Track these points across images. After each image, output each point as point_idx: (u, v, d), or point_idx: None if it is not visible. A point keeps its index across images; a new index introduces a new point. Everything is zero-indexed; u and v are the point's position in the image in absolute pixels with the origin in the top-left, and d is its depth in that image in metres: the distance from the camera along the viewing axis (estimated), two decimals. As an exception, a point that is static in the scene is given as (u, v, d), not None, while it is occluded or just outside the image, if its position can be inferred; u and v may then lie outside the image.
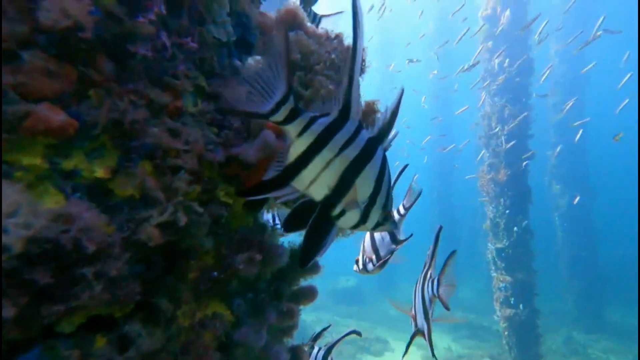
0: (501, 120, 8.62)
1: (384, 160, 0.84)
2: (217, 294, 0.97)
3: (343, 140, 0.79)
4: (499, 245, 8.27)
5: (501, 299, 7.80)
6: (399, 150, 16.54)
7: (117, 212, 0.75)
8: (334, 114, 0.80)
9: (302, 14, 1.09)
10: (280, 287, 1.13)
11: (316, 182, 0.80)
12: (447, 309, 1.60)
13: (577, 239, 11.79)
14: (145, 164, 0.79)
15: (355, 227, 0.86)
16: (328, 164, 0.79)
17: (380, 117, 0.84)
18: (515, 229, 8.18)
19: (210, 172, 0.93)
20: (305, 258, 0.81)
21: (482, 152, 9.00)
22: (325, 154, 0.78)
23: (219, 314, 0.95)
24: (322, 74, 1.03)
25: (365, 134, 0.82)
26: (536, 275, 7.79)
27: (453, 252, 1.65)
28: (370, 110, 1.09)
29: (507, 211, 8.35)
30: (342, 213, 0.82)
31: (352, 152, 0.79)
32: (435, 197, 16.68)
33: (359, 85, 0.78)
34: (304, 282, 1.20)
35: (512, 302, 7.66)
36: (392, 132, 0.85)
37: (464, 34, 8.67)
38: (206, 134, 0.93)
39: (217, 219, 0.95)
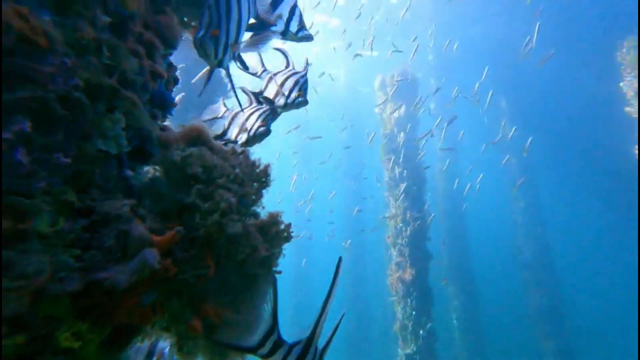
0: (404, 221, 9.58)
1: None
2: None
3: None
4: (407, 351, 8.29)
5: None
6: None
7: None
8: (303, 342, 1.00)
9: (207, 131, 1.11)
10: None
11: None
12: None
13: (471, 343, 12.30)
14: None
15: None
16: None
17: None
18: (421, 332, 8.39)
19: (53, 309, 0.73)
20: None
21: (390, 250, 9.64)
22: None
23: None
24: (224, 186, 1.00)
25: None
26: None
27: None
28: (272, 221, 1.07)
29: (414, 312, 8.65)
30: None
31: None
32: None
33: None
34: None
35: None
36: None
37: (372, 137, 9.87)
38: (59, 259, 0.76)
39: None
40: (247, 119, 1.50)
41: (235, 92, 1.27)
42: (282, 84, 1.52)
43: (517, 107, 13.17)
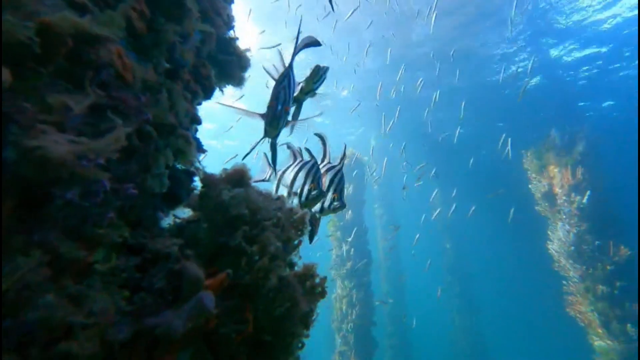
0: (350, 304, 9.32)
1: None
2: None
3: None
4: None
5: None
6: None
7: None
8: None
9: (249, 174, 1.11)
10: None
11: None
12: None
13: None
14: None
15: None
16: None
17: None
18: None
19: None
20: None
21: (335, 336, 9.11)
22: None
23: None
24: (270, 229, 0.97)
25: None
26: None
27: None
28: (309, 273, 1.03)
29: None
30: None
31: None
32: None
33: None
34: None
35: None
36: None
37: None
38: (115, 300, 0.66)
39: None
40: (294, 179, 1.52)
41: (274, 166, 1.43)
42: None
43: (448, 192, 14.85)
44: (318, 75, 1.56)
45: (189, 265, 0.79)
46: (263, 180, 1.67)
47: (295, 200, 1.48)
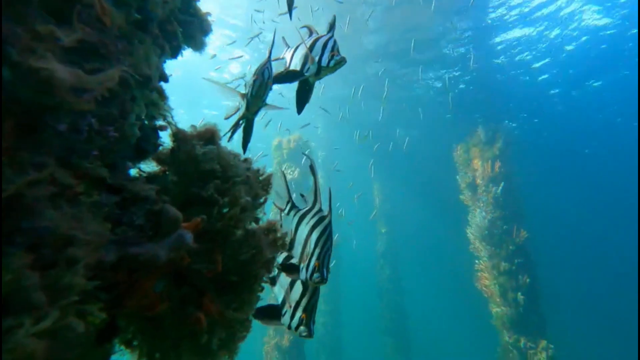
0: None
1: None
2: None
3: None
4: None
5: None
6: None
7: None
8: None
9: (219, 134, 1.17)
10: None
11: None
12: None
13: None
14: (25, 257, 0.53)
15: None
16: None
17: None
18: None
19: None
20: None
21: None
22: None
23: None
24: (240, 185, 1.06)
25: None
26: None
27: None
28: (271, 228, 1.14)
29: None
30: None
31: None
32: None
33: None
34: None
35: None
36: None
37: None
38: (103, 227, 0.71)
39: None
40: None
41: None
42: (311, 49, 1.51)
43: (386, 188, 15.84)
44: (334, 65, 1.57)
45: (168, 206, 0.85)
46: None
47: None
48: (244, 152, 1.57)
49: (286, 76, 1.73)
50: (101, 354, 0.73)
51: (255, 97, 1.39)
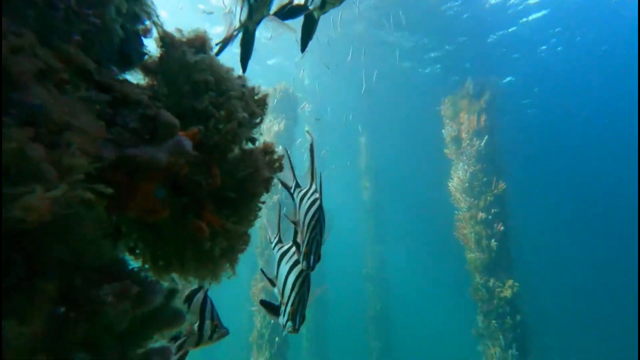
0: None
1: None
2: (51, 347, 0.56)
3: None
4: (261, 359, 8.45)
5: None
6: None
7: None
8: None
9: (211, 43, 1.10)
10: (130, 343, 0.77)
11: None
12: None
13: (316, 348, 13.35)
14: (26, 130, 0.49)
15: None
16: None
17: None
18: (277, 339, 8.70)
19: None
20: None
21: (257, 260, 9.67)
22: None
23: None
24: (237, 99, 1.02)
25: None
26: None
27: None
28: (268, 150, 1.13)
29: (272, 321, 8.92)
30: None
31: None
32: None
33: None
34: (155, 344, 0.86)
35: None
36: None
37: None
38: (97, 121, 0.67)
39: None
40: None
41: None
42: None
43: (374, 141, 15.88)
44: None
45: (164, 111, 0.81)
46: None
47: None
48: (244, 70, 1.44)
49: (290, 11, 1.65)
50: (108, 248, 0.73)
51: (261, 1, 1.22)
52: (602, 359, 17.51)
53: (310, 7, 1.58)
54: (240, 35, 1.40)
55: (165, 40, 0.99)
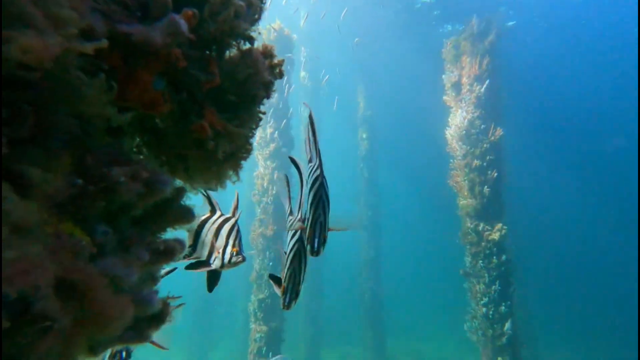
0: (271, 181, 9.93)
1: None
2: (74, 214, 0.57)
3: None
4: (260, 297, 8.93)
5: (255, 351, 8.20)
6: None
7: None
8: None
9: None
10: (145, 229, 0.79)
11: None
12: None
13: (310, 288, 14.19)
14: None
15: None
16: None
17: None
18: (275, 280, 9.14)
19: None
20: None
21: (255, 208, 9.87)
22: None
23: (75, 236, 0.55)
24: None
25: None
26: (285, 322, 8.85)
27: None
28: (268, 52, 1.08)
29: (271, 263, 9.31)
30: None
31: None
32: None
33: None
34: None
35: (263, 351, 8.17)
36: None
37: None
38: None
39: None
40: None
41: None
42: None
43: (370, 92, 15.46)
44: None
45: (155, -13, 0.75)
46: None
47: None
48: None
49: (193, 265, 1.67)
50: (114, 115, 0.71)
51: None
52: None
53: (212, 266, 1.67)
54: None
55: None
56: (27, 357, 0.49)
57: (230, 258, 1.65)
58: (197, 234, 1.73)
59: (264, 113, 1.10)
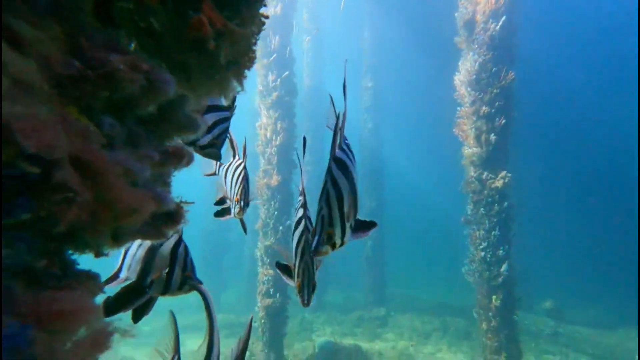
0: (274, 131, 9.80)
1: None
2: (78, 100, 0.55)
3: None
4: (267, 243, 9.27)
5: (263, 292, 8.70)
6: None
7: None
8: None
9: None
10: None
11: None
12: None
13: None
14: None
15: None
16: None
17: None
18: (280, 227, 9.42)
19: None
20: None
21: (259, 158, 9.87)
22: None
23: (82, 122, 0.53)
24: None
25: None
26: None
27: None
28: None
29: (276, 212, 9.52)
30: None
31: None
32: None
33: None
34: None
35: (271, 292, 8.67)
36: None
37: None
38: None
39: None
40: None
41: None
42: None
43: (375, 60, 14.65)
44: None
45: None
46: None
47: None
48: None
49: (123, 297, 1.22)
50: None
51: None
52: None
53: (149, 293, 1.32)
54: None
55: None
56: (58, 223, 0.49)
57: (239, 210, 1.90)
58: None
59: (266, 17, 1.02)
